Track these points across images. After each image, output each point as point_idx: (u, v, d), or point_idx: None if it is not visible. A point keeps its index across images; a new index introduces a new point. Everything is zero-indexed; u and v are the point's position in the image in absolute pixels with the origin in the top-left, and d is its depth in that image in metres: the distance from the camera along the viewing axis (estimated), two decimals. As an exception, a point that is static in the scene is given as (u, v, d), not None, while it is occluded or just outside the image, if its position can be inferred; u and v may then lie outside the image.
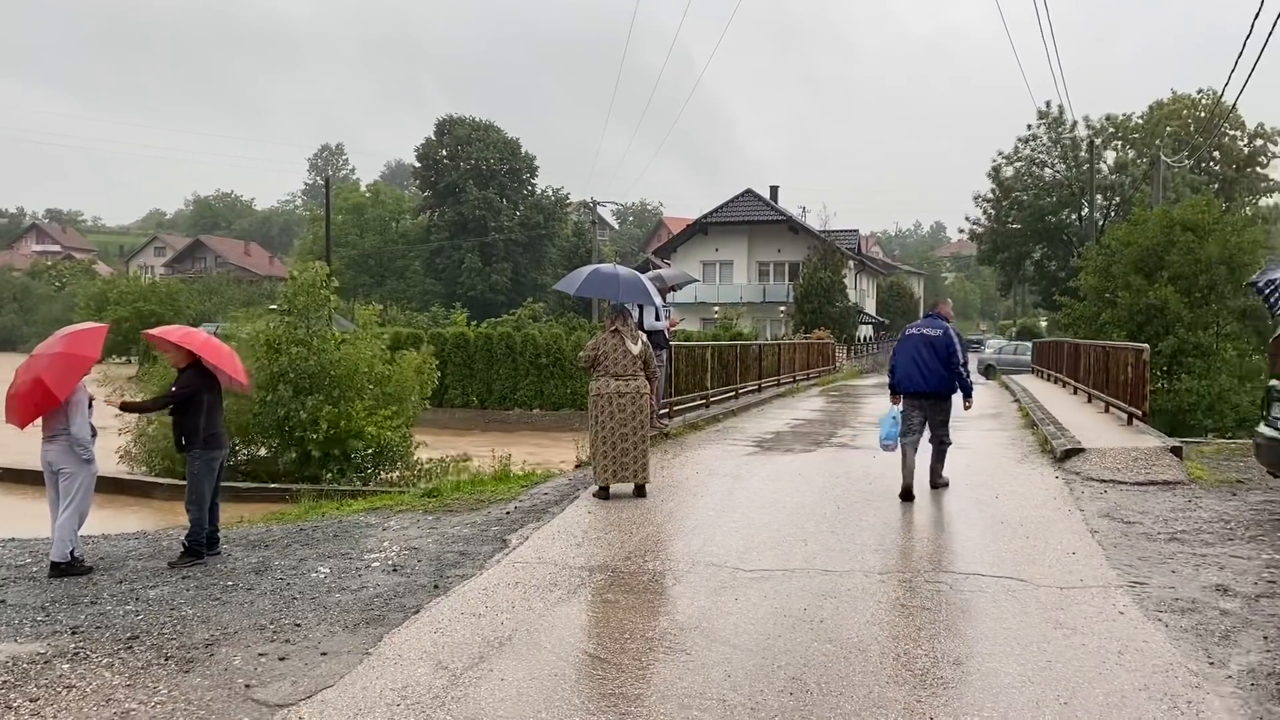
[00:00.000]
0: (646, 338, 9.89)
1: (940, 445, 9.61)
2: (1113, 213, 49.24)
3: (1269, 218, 52.60)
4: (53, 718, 4.36)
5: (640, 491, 9.28)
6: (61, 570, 6.94)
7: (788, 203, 63.74)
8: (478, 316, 50.61)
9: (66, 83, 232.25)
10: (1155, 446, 11.19)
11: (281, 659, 5.08)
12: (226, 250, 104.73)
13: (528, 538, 7.73)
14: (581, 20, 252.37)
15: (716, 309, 50.29)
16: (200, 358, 7.39)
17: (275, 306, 19.69)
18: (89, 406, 7.18)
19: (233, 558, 7.45)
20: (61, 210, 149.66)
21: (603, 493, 9.19)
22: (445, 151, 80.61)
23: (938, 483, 9.60)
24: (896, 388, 9.57)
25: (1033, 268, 55.42)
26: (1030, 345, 37.12)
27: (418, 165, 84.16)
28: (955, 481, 9.79)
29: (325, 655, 5.13)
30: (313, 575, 6.84)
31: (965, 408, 9.63)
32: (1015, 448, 12.57)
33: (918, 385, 9.40)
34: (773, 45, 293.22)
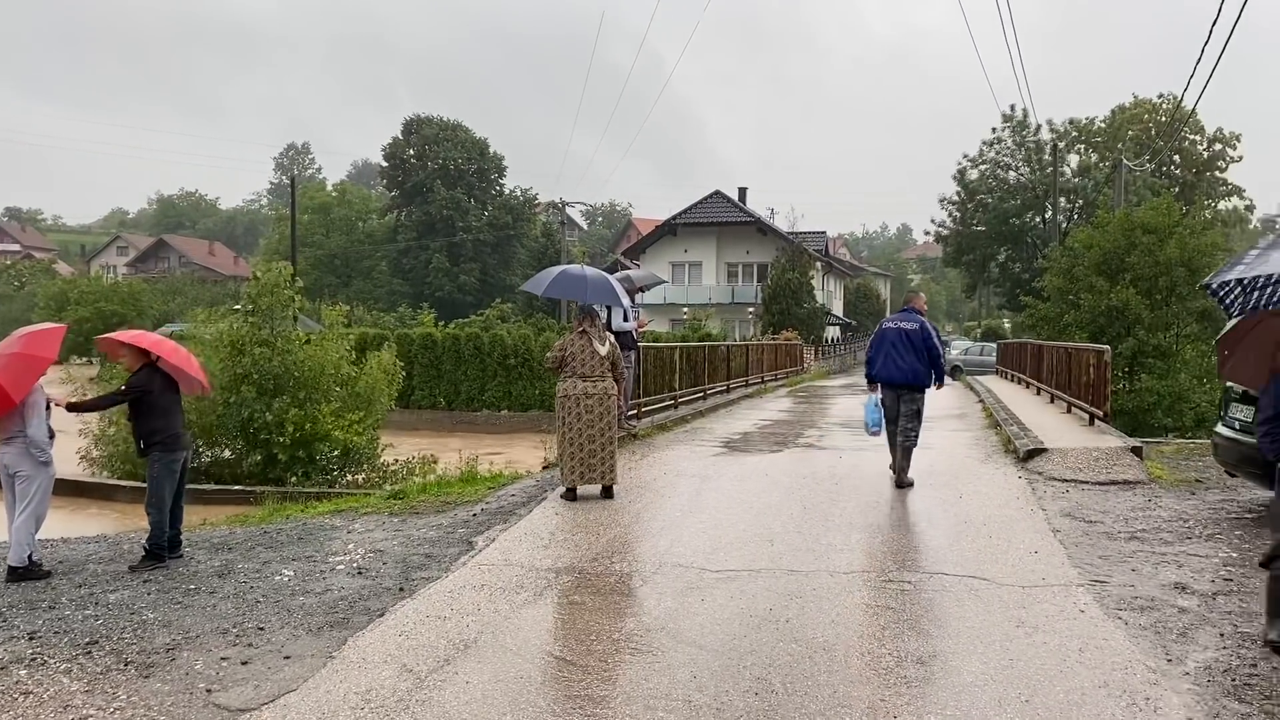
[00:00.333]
0: (614, 339, 9.90)
1: (907, 446, 9.84)
2: (1076, 215, 49.77)
3: (1227, 221, 53.49)
4: (9, 725, 4.29)
5: (608, 493, 9.27)
6: (19, 575, 6.84)
7: (756, 204, 64.17)
8: (445, 317, 50.35)
9: (24, 79, 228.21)
10: (1116, 446, 11.34)
11: (244, 663, 5.04)
12: (190, 250, 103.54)
13: (494, 540, 7.71)
14: (550, 19, 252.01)
15: (685, 310, 50.37)
16: (155, 358, 7.31)
17: (239, 307, 19.51)
18: (47, 408, 7.08)
19: (195, 561, 7.37)
20: (21, 209, 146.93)
21: (570, 494, 9.18)
22: (413, 151, 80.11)
23: (903, 482, 9.76)
24: (874, 379, 10.07)
25: (997, 269, 55.89)
26: (995, 346, 37.47)
27: (385, 165, 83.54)
28: (920, 481, 9.88)
29: (288, 659, 5.09)
30: (276, 578, 6.78)
31: (936, 388, 10.16)
32: (979, 448, 12.69)
33: (893, 376, 9.88)
34: (741, 47, 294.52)
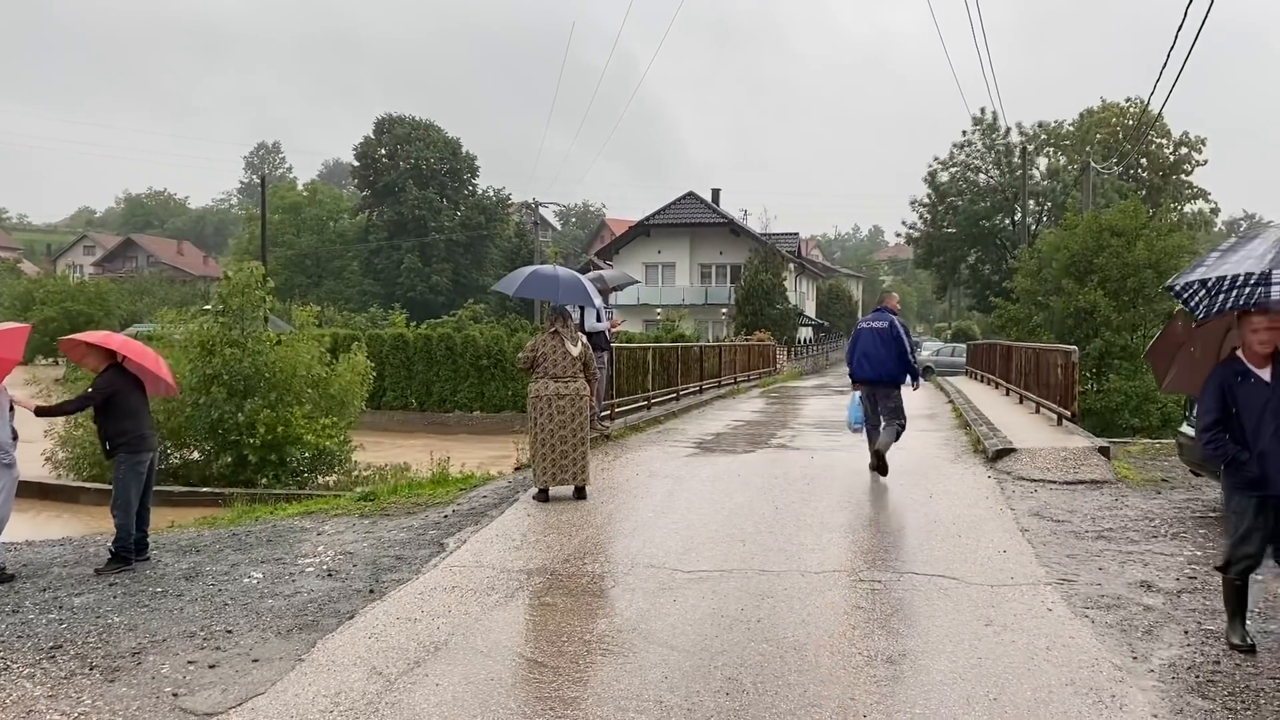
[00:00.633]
0: (587, 339, 9.89)
1: (896, 427, 10.34)
2: (1045, 217, 50.29)
3: (1193, 223, 54.13)
4: (-30, 731, 4.23)
5: (580, 493, 9.26)
6: (-19, 578, 6.74)
7: (729, 205, 64.09)
8: (417, 318, 50.08)
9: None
10: (1084, 446, 11.46)
11: (212, 666, 4.99)
12: (159, 249, 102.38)
13: (465, 541, 7.68)
14: (523, 18, 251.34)
15: (659, 310, 50.41)
16: (121, 358, 7.23)
17: (209, 307, 19.32)
18: (10, 410, 6.98)
19: (163, 563, 7.30)
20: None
21: (542, 495, 9.16)
22: (384, 150, 79.66)
23: (882, 452, 10.21)
24: (852, 377, 10.62)
25: (967, 271, 56.33)
26: (965, 347, 37.77)
27: (356, 164, 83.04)
28: (891, 481, 9.95)
29: (257, 662, 5.05)
30: (245, 581, 6.73)
31: (913, 389, 10.55)
32: (949, 448, 12.79)
33: (867, 374, 10.37)
34: (715, 48, 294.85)
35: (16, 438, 7.04)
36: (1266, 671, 4.77)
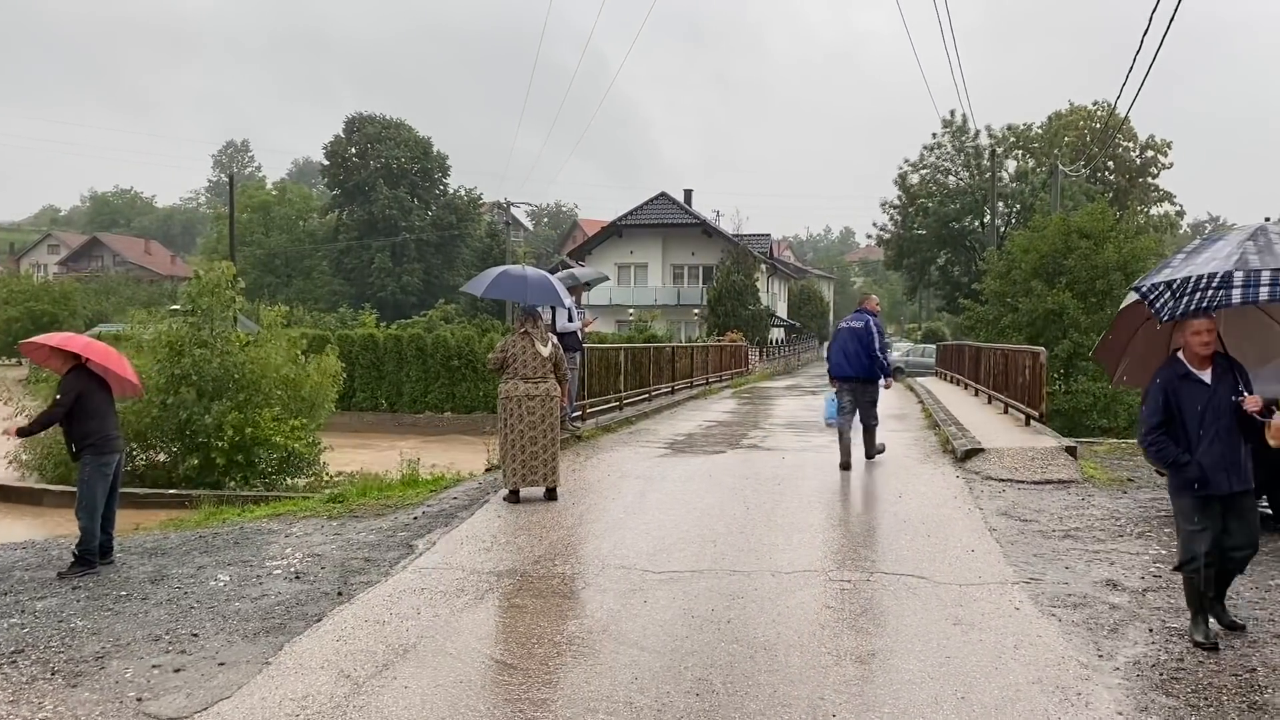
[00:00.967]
0: (559, 339, 9.86)
1: (869, 428, 11.04)
2: (1014, 219, 50.71)
3: (1159, 226, 54.84)
4: (-72, 738, 4.16)
5: (551, 495, 9.24)
6: (-59, 583, 6.62)
7: (702, 206, 64.13)
8: (388, 318, 49.82)
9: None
10: (1051, 446, 11.57)
11: (177, 670, 4.93)
12: (125, 249, 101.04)
13: (435, 543, 7.64)
14: (493, 17, 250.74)
15: (631, 311, 50.39)
16: (84, 360, 7.13)
17: (177, 307, 19.11)
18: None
19: (127, 566, 7.20)
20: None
21: (513, 496, 9.13)
22: (354, 149, 79.03)
23: (872, 453, 11.14)
24: (831, 374, 11.21)
25: (937, 273, 56.77)
26: (935, 348, 38.02)
27: (326, 163, 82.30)
28: (860, 481, 10.02)
29: (223, 666, 5.00)
30: (211, 584, 6.66)
31: (885, 386, 11.23)
32: (918, 448, 12.86)
33: (845, 371, 10.96)
34: (687, 49, 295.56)
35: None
36: (1229, 669, 4.83)
